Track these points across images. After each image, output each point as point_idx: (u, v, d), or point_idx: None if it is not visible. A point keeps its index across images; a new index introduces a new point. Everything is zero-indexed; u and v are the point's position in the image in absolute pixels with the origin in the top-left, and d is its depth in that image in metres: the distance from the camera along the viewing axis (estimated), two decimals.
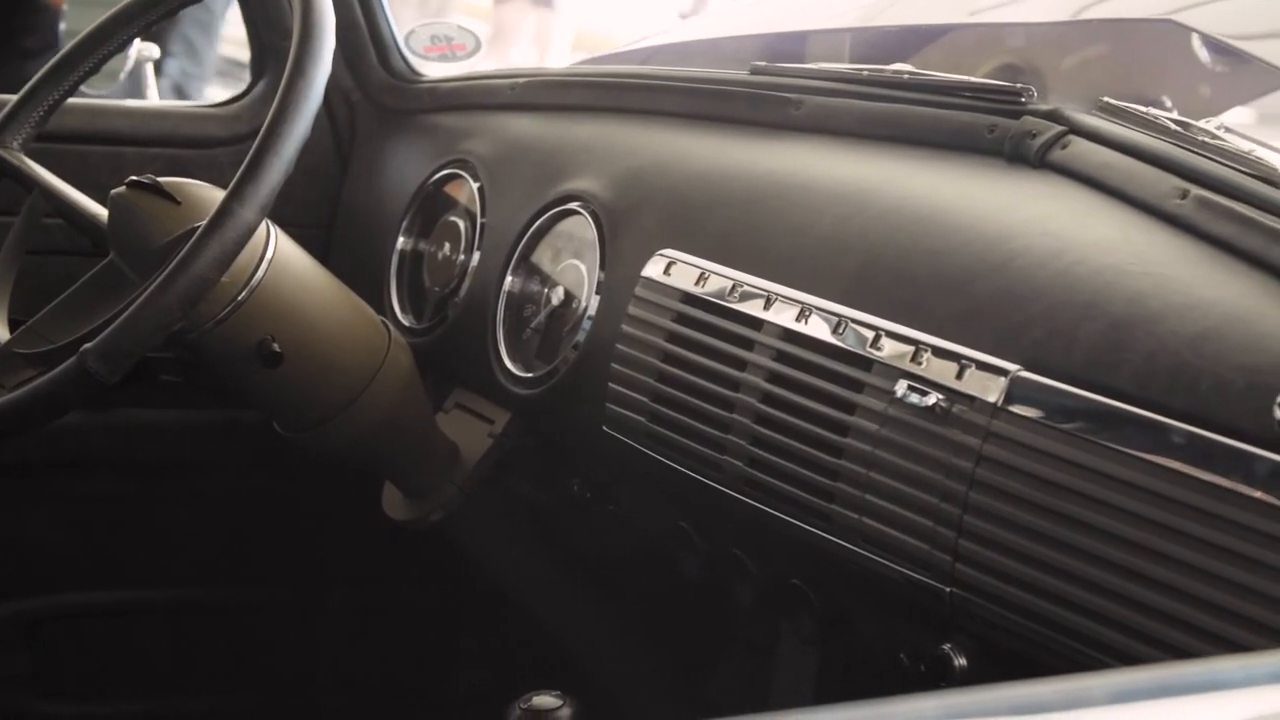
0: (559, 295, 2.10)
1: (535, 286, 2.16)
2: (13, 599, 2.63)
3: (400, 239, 2.45)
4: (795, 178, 1.90)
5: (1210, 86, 2.55)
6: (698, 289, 1.84)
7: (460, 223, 2.34)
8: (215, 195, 1.92)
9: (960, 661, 1.56)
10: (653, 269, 1.91)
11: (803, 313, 1.70)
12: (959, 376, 1.52)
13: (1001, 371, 1.49)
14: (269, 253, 1.99)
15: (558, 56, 6.57)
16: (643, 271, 1.92)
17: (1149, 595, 1.33)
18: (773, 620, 1.98)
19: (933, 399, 1.52)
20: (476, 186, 2.33)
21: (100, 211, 2.06)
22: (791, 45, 2.75)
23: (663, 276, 1.89)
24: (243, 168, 1.81)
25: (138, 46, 3.04)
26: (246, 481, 2.70)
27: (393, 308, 2.41)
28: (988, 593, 1.47)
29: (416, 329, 2.36)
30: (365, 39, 2.68)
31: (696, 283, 1.84)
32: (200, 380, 2.11)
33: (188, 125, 2.65)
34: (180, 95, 3.19)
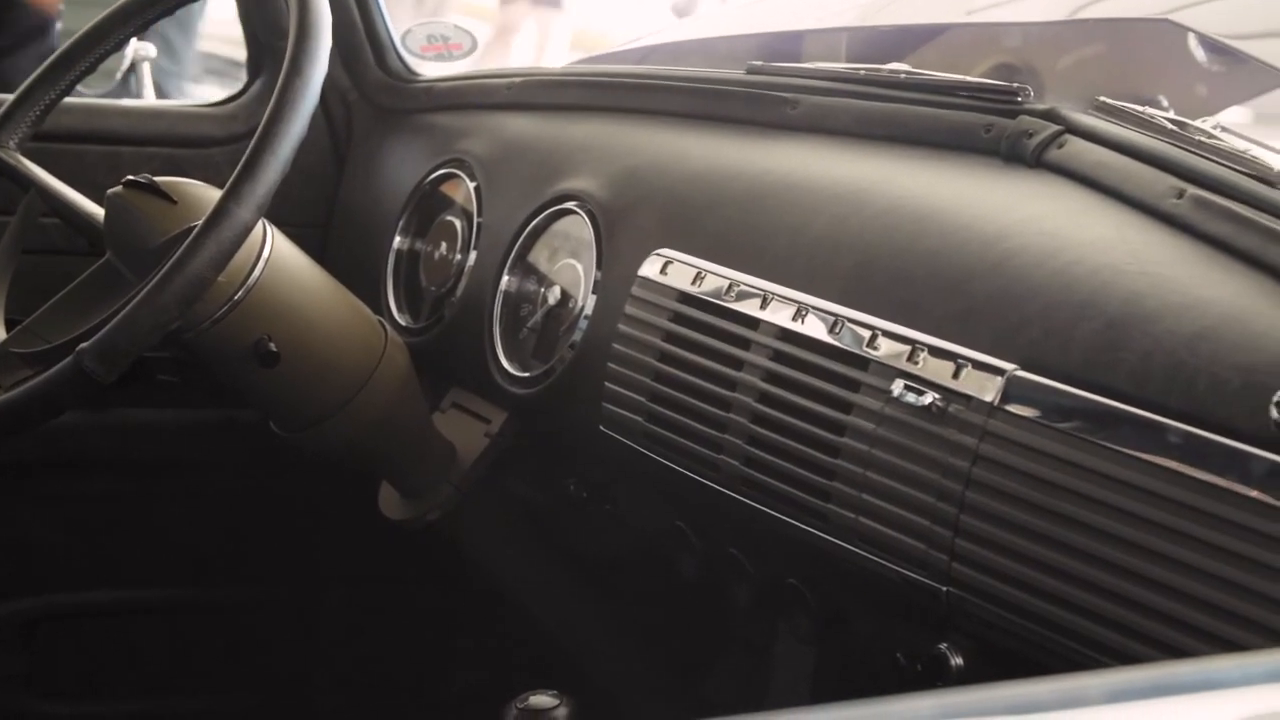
0: (555, 295, 2.10)
1: (532, 286, 2.16)
2: (9, 599, 2.63)
3: (397, 238, 2.45)
4: (792, 177, 1.90)
5: (1207, 86, 2.55)
6: (694, 288, 1.84)
7: (457, 222, 2.34)
8: (212, 195, 1.92)
9: (957, 661, 1.56)
10: (649, 268, 1.91)
11: (799, 312, 1.70)
12: (955, 376, 1.52)
13: (998, 371, 1.49)
14: (265, 252, 1.99)
15: (557, 56, 6.57)
16: (639, 271, 1.92)
17: (1145, 594, 1.33)
18: (770, 620, 1.98)
19: (929, 398, 1.52)
20: (473, 186, 2.33)
21: (97, 211, 2.06)
22: (788, 45, 2.75)
23: (659, 276, 1.89)
24: (239, 167, 1.81)
25: (134, 46, 3.04)
26: (243, 481, 2.70)
27: (389, 307, 2.41)
28: (984, 592, 1.47)
29: (413, 328, 2.36)
30: (362, 38, 2.68)
31: (693, 282, 1.84)
32: (197, 380, 2.11)
33: (184, 125, 2.65)
34: (158, 93, 3.19)
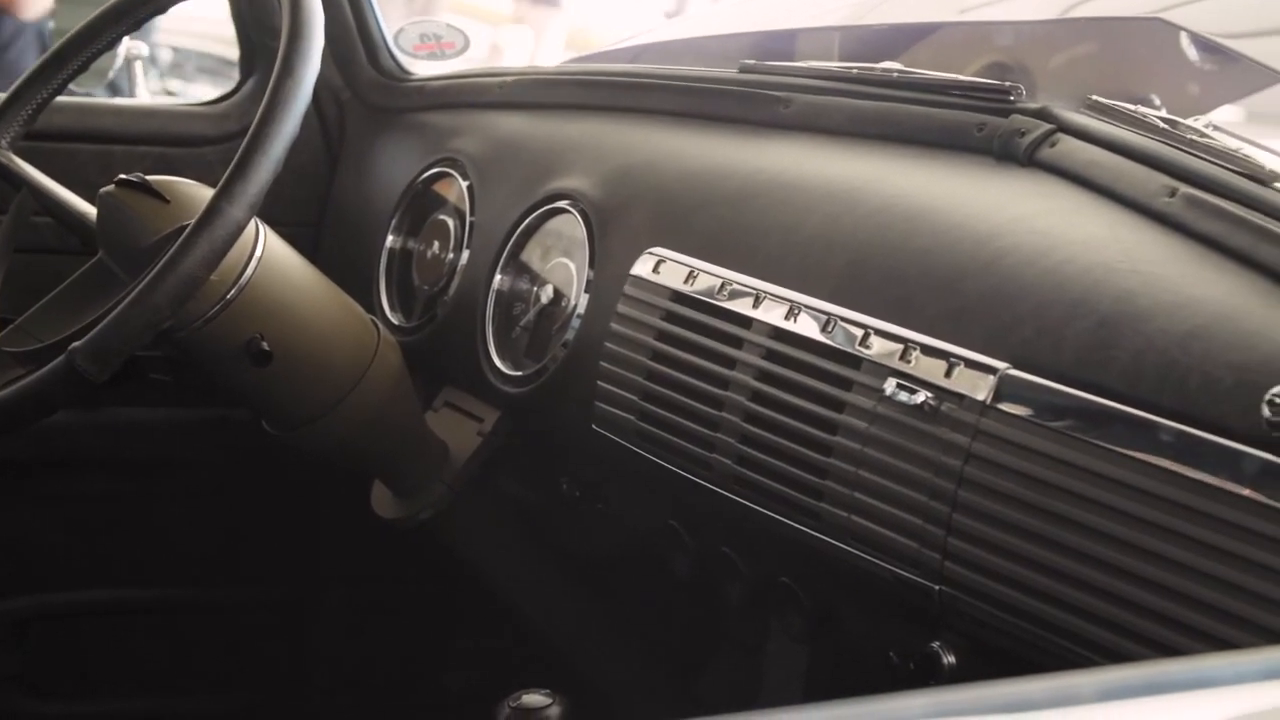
0: (548, 293, 2.10)
1: (524, 285, 2.16)
2: (2, 598, 2.63)
3: (389, 237, 2.45)
4: (784, 176, 1.90)
5: (1199, 84, 2.55)
6: (687, 287, 1.84)
7: (449, 221, 2.34)
8: (204, 194, 1.92)
9: (949, 659, 1.56)
10: (642, 267, 1.91)
11: (792, 311, 1.70)
12: (948, 375, 1.52)
13: (990, 370, 1.49)
14: (258, 251, 1.99)
15: (552, 54, 6.58)
16: (632, 270, 1.92)
17: (1137, 593, 1.33)
18: (762, 618, 1.98)
19: (922, 397, 1.53)
20: (465, 185, 2.33)
21: (89, 210, 2.06)
22: (781, 43, 2.76)
23: (652, 275, 1.89)
24: (232, 166, 1.80)
25: (126, 44, 3.04)
26: (236, 480, 2.70)
27: (382, 306, 2.41)
28: (977, 591, 1.47)
29: (405, 327, 2.36)
30: (354, 37, 2.68)
31: (686, 281, 1.84)
32: (189, 379, 2.11)
33: (177, 124, 2.65)
34: (114, 91, 3.20)
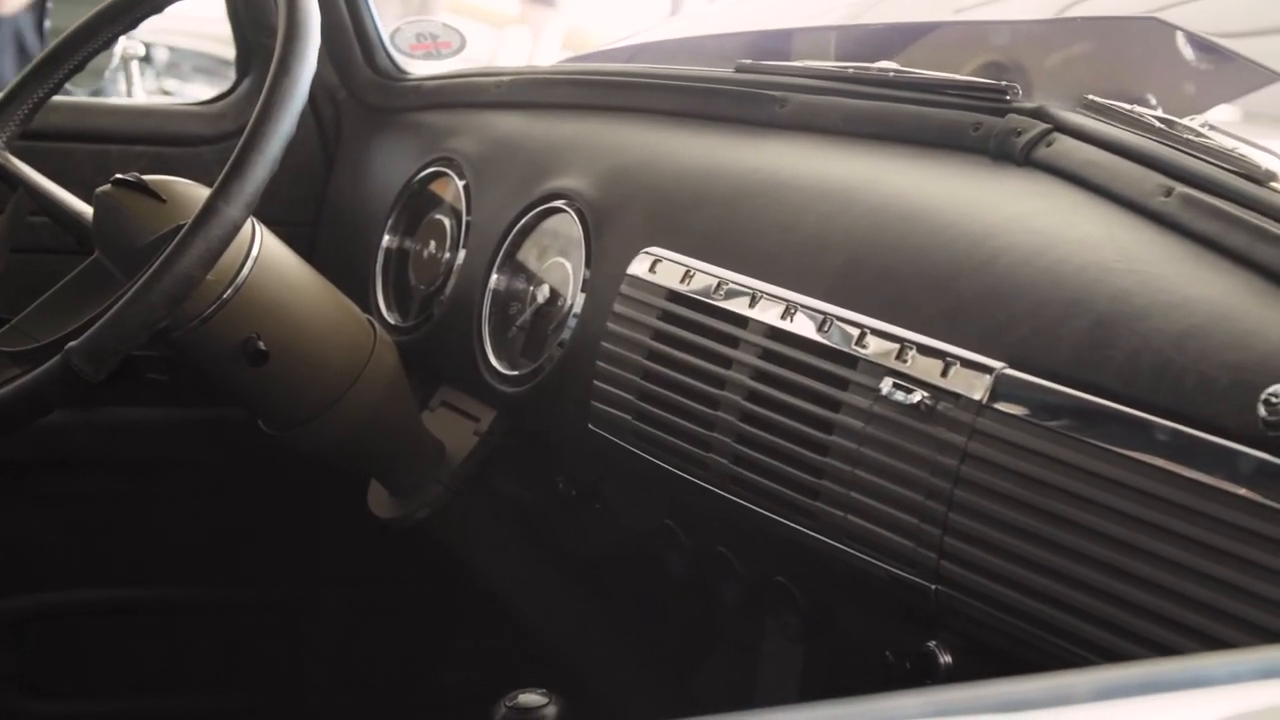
0: (544, 293, 2.10)
1: (521, 284, 2.16)
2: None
3: (386, 237, 2.45)
4: (780, 175, 1.90)
5: (1195, 84, 2.55)
6: (683, 287, 1.84)
7: (446, 221, 2.34)
8: (200, 193, 1.92)
9: (945, 659, 1.56)
10: (638, 267, 1.91)
11: (788, 310, 1.70)
12: (944, 374, 1.52)
13: (986, 369, 1.49)
14: (254, 251, 1.99)
15: (549, 54, 6.58)
16: (628, 269, 1.92)
17: (1134, 592, 1.33)
18: (758, 618, 1.98)
19: (918, 396, 1.53)
20: (462, 184, 2.33)
21: (85, 209, 2.06)
22: (777, 43, 2.76)
23: (648, 274, 1.89)
24: (228, 166, 1.80)
25: (123, 44, 3.04)
26: (233, 479, 2.70)
27: (378, 306, 2.41)
28: (973, 590, 1.47)
29: (402, 327, 2.36)
30: (350, 37, 2.68)
31: (682, 280, 1.84)
32: (186, 378, 2.11)
33: (173, 123, 2.65)
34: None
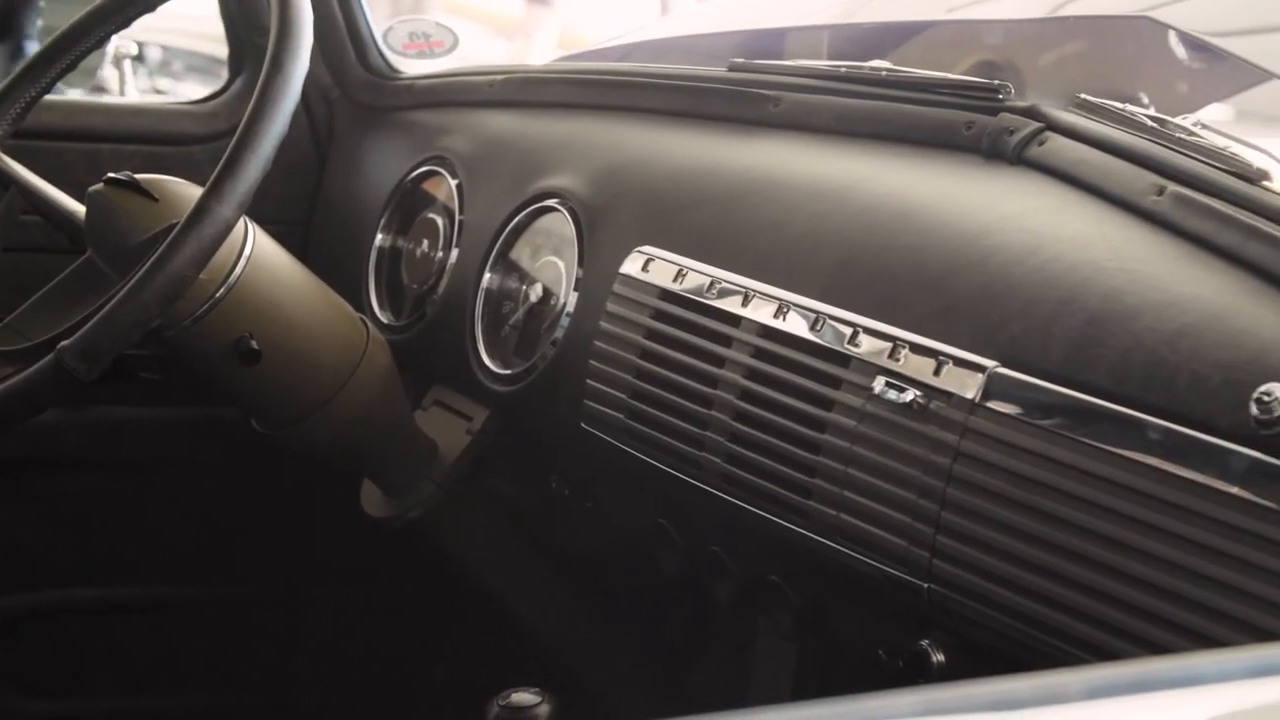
0: (537, 292, 2.10)
1: (513, 283, 2.16)
2: None
3: (378, 236, 2.45)
4: (773, 174, 1.90)
5: (1187, 83, 2.55)
6: (676, 286, 1.84)
7: (438, 220, 2.34)
8: (193, 192, 1.92)
9: (938, 657, 1.56)
10: (631, 266, 1.91)
11: (781, 309, 1.70)
12: (936, 373, 1.52)
13: (979, 368, 1.49)
14: (247, 250, 1.99)
15: (545, 54, 6.57)
16: (621, 268, 1.92)
17: (1126, 591, 1.33)
18: (751, 616, 1.98)
19: (910, 395, 1.53)
20: (454, 183, 2.33)
21: (77, 208, 2.06)
22: (770, 42, 2.75)
23: (641, 273, 1.89)
24: (220, 165, 1.80)
25: (115, 43, 3.04)
26: (225, 478, 2.70)
27: (371, 305, 2.41)
28: (965, 589, 1.47)
29: (395, 326, 2.36)
30: (343, 36, 2.68)
31: (675, 279, 1.84)
32: (178, 377, 2.11)
33: (165, 122, 2.65)
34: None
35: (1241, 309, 1.38)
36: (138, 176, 1.98)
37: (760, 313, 1.72)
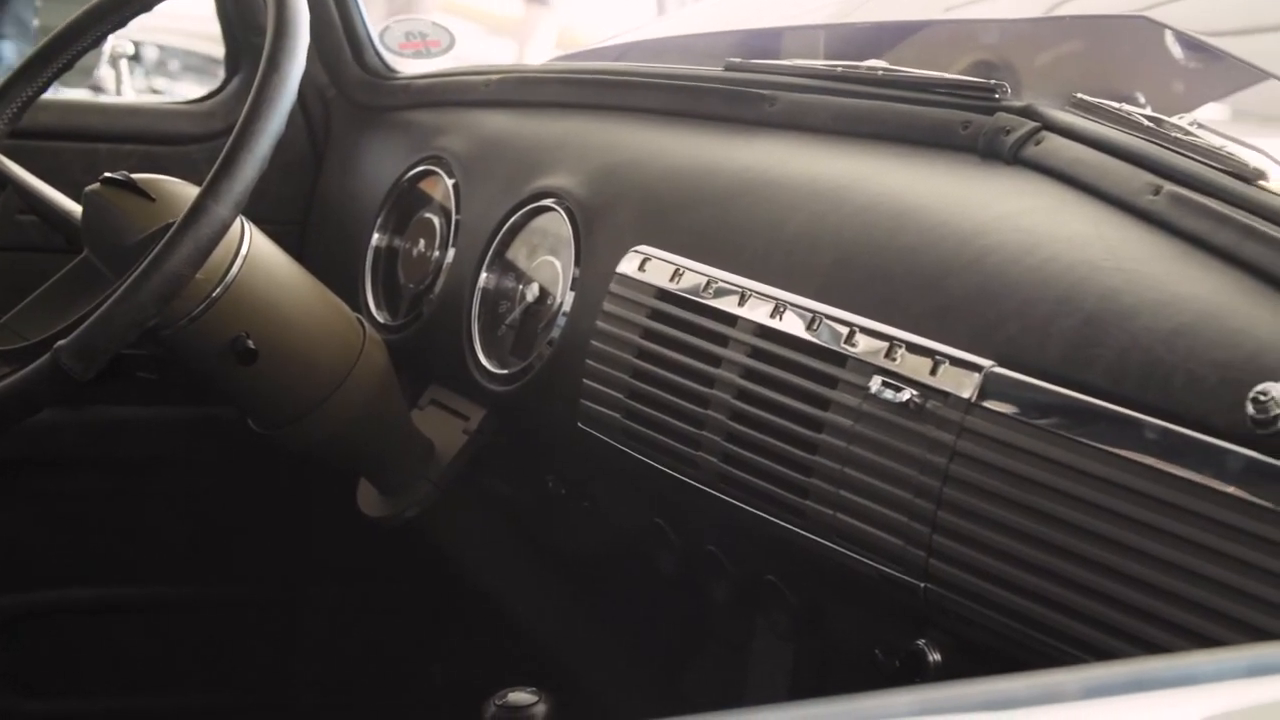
0: (534, 291, 2.10)
1: (510, 283, 2.16)
2: None
3: (375, 235, 2.45)
4: (770, 174, 1.90)
5: (1183, 83, 2.55)
6: (673, 285, 1.84)
7: (435, 219, 2.34)
8: (190, 192, 1.92)
9: (935, 657, 1.56)
10: (628, 265, 1.91)
11: (777, 309, 1.70)
12: (933, 372, 1.52)
13: (975, 367, 1.49)
14: (243, 249, 1.99)
15: (543, 54, 6.58)
16: (618, 268, 1.92)
17: (1122, 590, 1.33)
18: (748, 616, 1.98)
19: (907, 395, 1.53)
20: (451, 183, 2.33)
21: (74, 208, 2.06)
22: (766, 42, 2.76)
23: (638, 273, 1.89)
24: (217, 164, 1.80)
25: (112, 42, 3.03)
26: (222, 478, 2.70)
27: (368, 304, 2.41)
28: (962, 588, 1.47)
29: (391, 326, 2.36)
30: (340, 35, 2.68)
31: (671, 279, 1.84)
32: (175, 377, 2.11)
33: (162, 122, 2.65)
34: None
35: (1238, 308, 1.38)
36: (134, 176, 1.98)
37: (757, 312, 1.72)
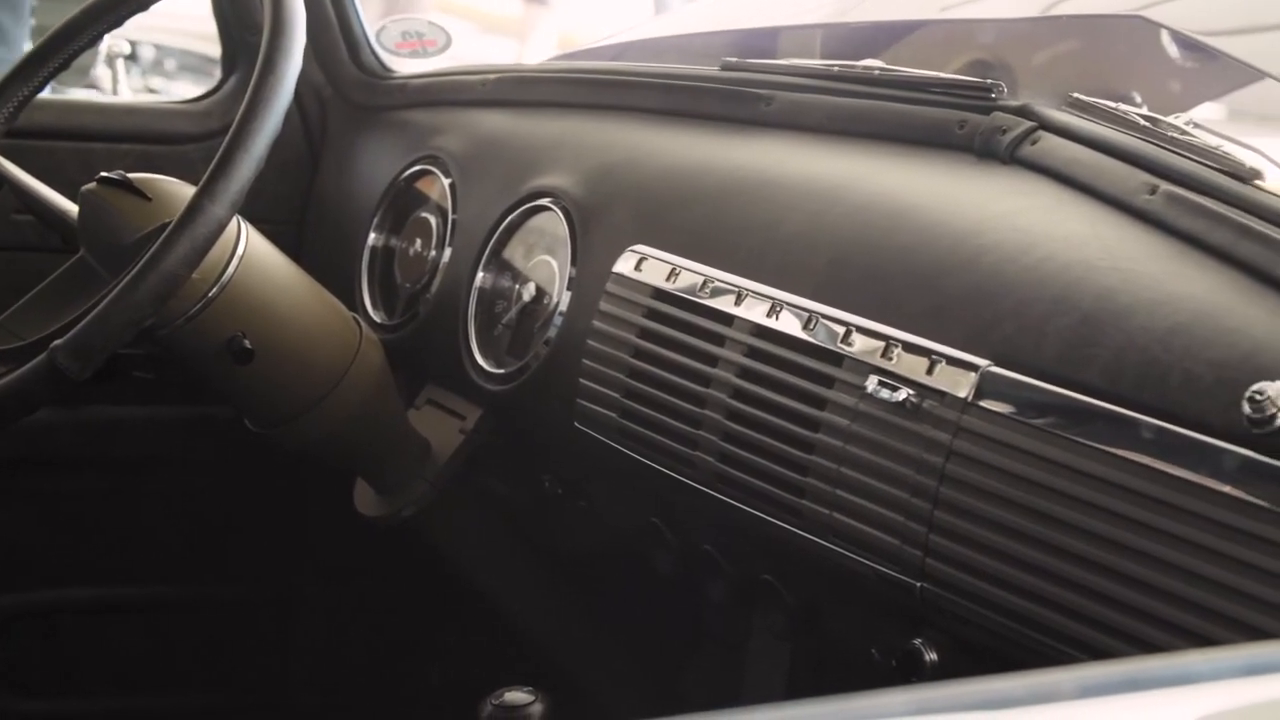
0: (530, 291, 2.10)
1: (507, 282, 2.16)
2: None
3: (371, 235, 2.45)
4: (766, 174, 1.90)
5: (1180, 82, 2.55)
6: (669, 285, 1.84)
7: (431, 219, 2.34)
8: (186, 191, 1.92)
9: (931, 656, 1.56)
10: (624, 265, 1.91)
11: (774, 309, 1.70)
12: (929, 372, 1.52)
13: (972, 367, 1.49)
14: (240, 249, 1.98)
15: (543, 54, 6.58)
16: (614, 267, 1.92)
17: (1118, 589, 1.33)
18: (744, 616, 1.98)
19: (903, 394, 1.53)
20: (448, 183, 2.33)
21: (70, 208, 2.06)
22: (763, 41, 2.76)
23: (634, 272, 1.89)
24: (214, 164, 1.80)
25: (108, 42, 3.03)
26: (219, 477, 2.70)
27: (364, 304, 2.41)
28: (958, 588, 1.47)
29: (388, 325, 2.36)
30: (336, 35, 2.68)
31: (668, 279, 1.84)
32: (171, 376, 2.10)
33: (158, 121, 2.65)
34: None
35: (1234, 308, 1.38)
36: (130, 176, 1.98)
37: (753, 312, 1.72)
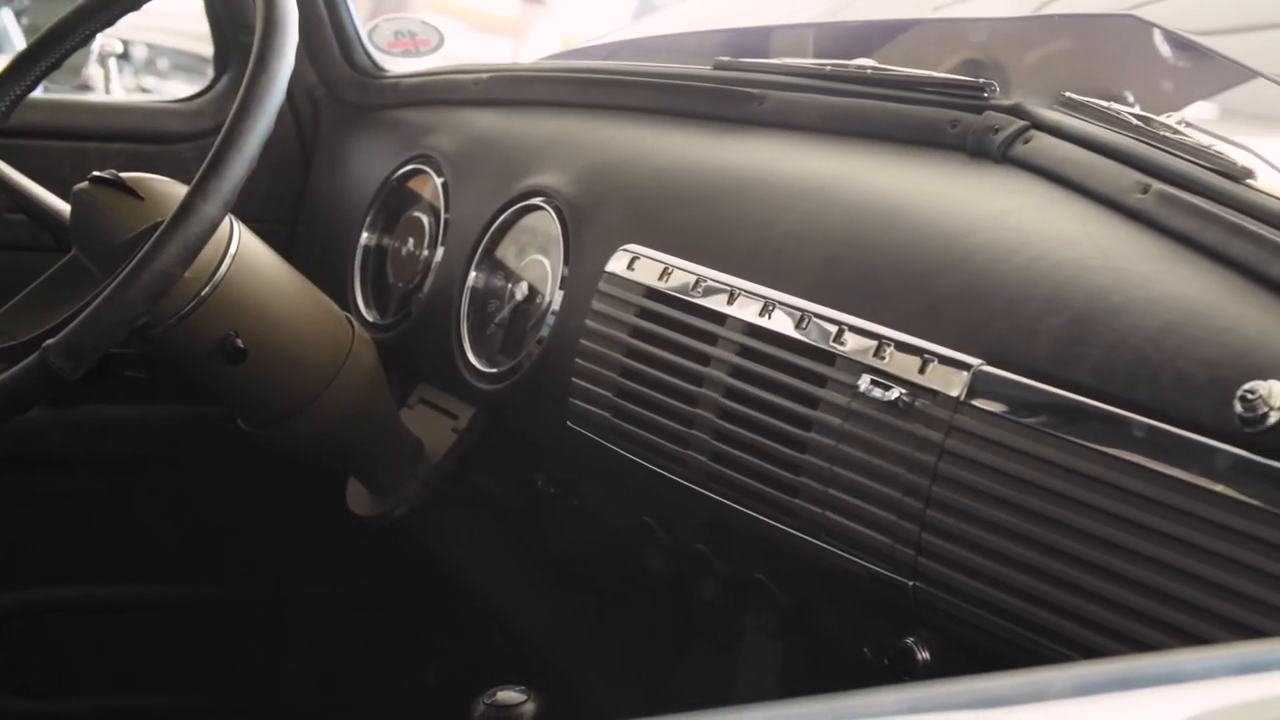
0: (523, 290, 2.10)
1: (499, 282, 2.16)
2: None
3: (364, 234, 2.45)
4: (758, 173, 1.90)
5: (1172, 81, 2.55)
6: (661, 284, 1.84)
7: (424, 218, 2.34)
8: (178, 191, 1.91)
9: (923, 655, 1.56)
10: (616, 264, 1.91)
11: (766, 308, 1.70)
12: (922, 371, 1.52)
13: (964, 366, 1.49)
14: (232, 248, 1.98)
15: (545, 52, 6.58)
16: (606, 266, 1.92)
17: (1110, 588, 1.33)
18: (737, 615, 1.98)
19: (895, 393, 1.53)
20: (440, 182, 2.33)
21: (62, 207, 2.06)
22: (755, 40, 2.76)
23: (626, 271, 1.89)
24: (206, 163, 1.80)
25: (100, 41, 3.03)
26: (212, 477, 2.70)
27: (357, 303, 2.41)
28: (950, 587, 1.48)
29: (380, 324, 2.36)
30: (328, 34, 2.68)
31: (660, 278, 1.84)
32: (164, 376, 2.10)
33: (151, 120, 2.65)
34: None
35: (1225, 307, 1.38)
36: (123, 175, 1.98)
37: (746, 311, 1.72)
